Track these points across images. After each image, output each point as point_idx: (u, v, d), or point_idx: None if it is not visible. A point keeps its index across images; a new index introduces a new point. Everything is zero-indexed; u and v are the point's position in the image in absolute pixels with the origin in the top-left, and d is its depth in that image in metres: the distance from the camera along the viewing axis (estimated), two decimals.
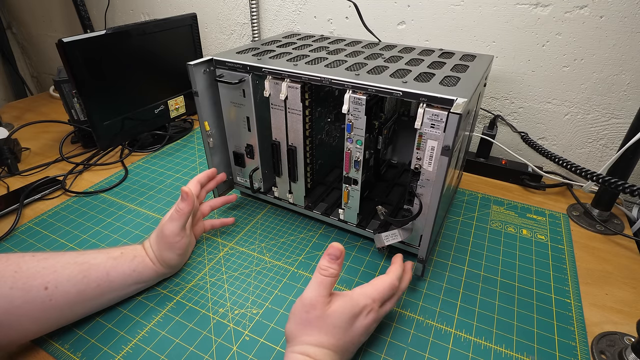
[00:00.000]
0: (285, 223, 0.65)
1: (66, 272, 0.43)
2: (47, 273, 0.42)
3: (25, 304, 0.40)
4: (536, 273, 0.55)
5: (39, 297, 0.41)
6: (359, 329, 0.40)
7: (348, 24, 0.87)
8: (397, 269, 0.46)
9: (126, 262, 0.47)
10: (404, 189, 0.68)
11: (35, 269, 0.42)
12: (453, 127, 0.41)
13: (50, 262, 0.43)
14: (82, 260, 0.45)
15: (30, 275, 0.41)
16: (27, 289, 0.40)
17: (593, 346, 0.46)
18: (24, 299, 0.40)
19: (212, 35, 1.07)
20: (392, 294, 0.44)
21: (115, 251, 0.48)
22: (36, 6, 1.36)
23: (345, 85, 0.49)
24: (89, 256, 0.46)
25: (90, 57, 0.71)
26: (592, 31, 0.67)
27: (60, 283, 0.42)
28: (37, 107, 1.16)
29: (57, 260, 0.44)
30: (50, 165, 0.82)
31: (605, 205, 0.66)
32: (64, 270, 0.43)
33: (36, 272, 0.42)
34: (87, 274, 0.44)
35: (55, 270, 0.43)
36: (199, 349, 0.45)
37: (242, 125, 0.59)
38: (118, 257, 0.47)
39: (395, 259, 0.49)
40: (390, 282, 0.44)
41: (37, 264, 0.42)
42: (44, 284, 0.41)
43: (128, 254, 0.48)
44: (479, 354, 0.45)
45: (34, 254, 0.44)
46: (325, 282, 0.39)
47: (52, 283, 0.42)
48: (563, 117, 0.75)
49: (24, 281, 0.41)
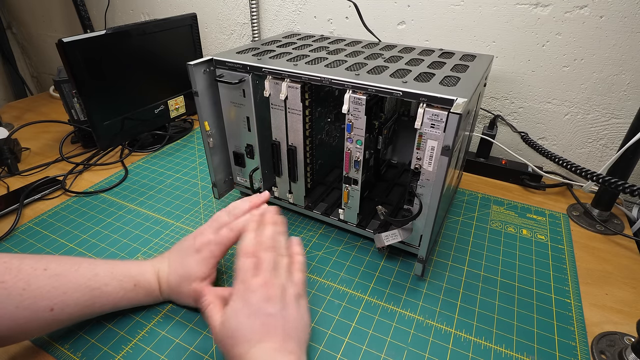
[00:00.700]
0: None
1: (75, 296, 0.42)
2: (57, 294, 0.40)
3: (29, 323, 0.39)
4: (536, 273, 0.55)
5: (44, 318, 0.40)
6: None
7: (348, 24, 0.87)
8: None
9: (139, 296, 0.46)
10: (404, 189, 0.68)
11: (45, 289, 0.40)
12: (453, 127, 0.41)
13: (61, 282, 0.41)
14: (94, 285, 0.43)
15: (38, 295, 0.39)
16: (33, 309, 0.39)
17: (593, 346, 0.46)
18: (28, 319, 0.39)
19: (212, 35, 1.07)
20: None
21: (129, 281, 0.45)
22: (36, 6, 1.36)
23: (345, 85, 0.49)
24: (101, 280, 0.44)
25: (90, 57, 0.71)
26: (592, 31, 0.67)
27: (67, 305, 0.41)
28: (37, 107, 1.16)
29: (69, 279, 0.42)
30: (50, 165, 0.82)
31: (605, 205, 0.66)
32: (74, 294, 0.41)
33: (46, 292, 0.40)
34: (96, 301, 0.43)
35: (65, 292, 0.41)
36: (199, 349, 0.45)
37: (242, 125, 0.59)
38: (130, 291, 0.45)
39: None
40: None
41: (48, 282, 0.40)
42: (50, 305, 0.40)
43: (141, 288, 0.46)
44: (479, 354, 0.45)
45: (46, 267, 0.41)
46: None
47: (59, 305, 0.40)
48: (563, 117, 0.75)
49: (31, 301, 0.39)
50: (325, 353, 0.44)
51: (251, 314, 0.38)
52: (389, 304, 0.51)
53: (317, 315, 0.49)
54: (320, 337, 0.46)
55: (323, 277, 0.54)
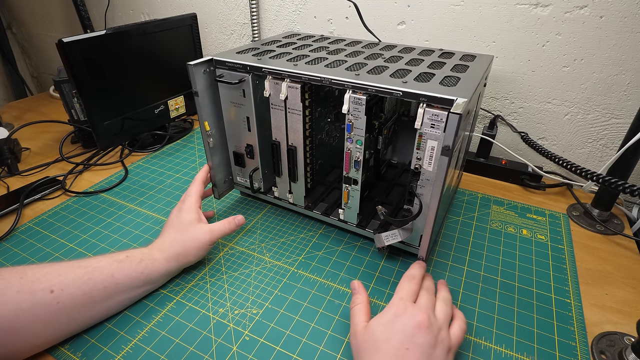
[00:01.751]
0: (285, 223, 0.65)
1: (71, 275, 0.43)
2: (52, 277, 0.43)
3: (32, 307, 0.41)
4: (536, 273, 0.55)
5: (46, 300, 0.41)
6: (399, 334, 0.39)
7: (348, 24, 0.87)
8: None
9: (133, 264, 0.47)
10: (404, 189, 0.68)
11: (40, 274, 0.43)
12: (453, 127, 0.41)
13: (54, 267, 0.44)
14: (86, 264, 0.45)
15: (35, 280, 0.42)
16: (33, 292, 0.41)
17: (593, 346, 0.46)
18: (30, 302, 0.40)
19: (212, 35, 1.07)
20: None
21: (121, 255, 0.48)
22: (36, 6, 1.36)
23: (345, 85, 0.49)
24: (93, 260, 0.46)
25: (90, 57, 0.71)
26: (592, 31, 0.67)
27: (66, 285, 0.43)
28: (37, 107, 1.16)
29: (61, 265, 0.45)
30: (50, 165, 0.82)
31: (605, 205, 0.66)
32: (69, 274, 0.43)
33: (41, 276, 0.42)
34: (92, 276, 0.44)
35: (59, 274, 0.43)
36: (199, 349, 0.45)
37: (242, 125, 0.59)
38: (123, 260, 0.47)
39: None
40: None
41: (42, 270, 0.43)
42: (49, 287, 0.42)
43: (134, 257, 0.48)
44: (479, 354, 0.45)
45: (38, 263, 0.45)
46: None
47: (57, 286, 0.42)
48: (563, 117, 0.75)
49: (29, 285, 0.41)
50: (325, 353, 0.44)
51: (398, 332, 0.38)
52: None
53: (317, 315, 0.49)
54: (320, 337, 0.46)
55: (323, 277, 0.54)
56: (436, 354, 0.37)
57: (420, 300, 0.42)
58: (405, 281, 0.45)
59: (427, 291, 0.44)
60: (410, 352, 0.37)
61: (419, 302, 0.42)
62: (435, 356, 0.37)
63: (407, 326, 0.38)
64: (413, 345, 0.37)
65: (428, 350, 0.37)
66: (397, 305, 0.41)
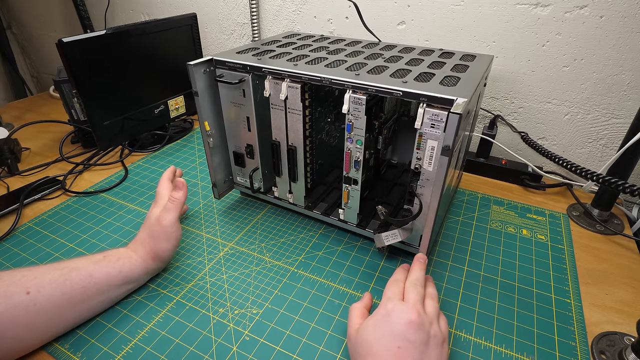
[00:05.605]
0: (285, 223, 0.65)
1: (47, 277, 0.43)
2: (28, 279, 0.43)
3: (9, 310, 0.40)
4: (536, 273, 0.55)
5: (22, 302, 0.41)
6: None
7: (348, 24, 0.87)
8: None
9: (110, 263, 0.47)
10: (404, 189, 0.68)
11: (16, 277, 0.43)
12: (453, 127, 0.41)
13: (30, 271, 0.44)
14: (63, 266, 0.45)
15: (10, 283, 0.42)
16: (8, 295, 0.41)
17: (593, 346, 0.46)
18: (6, 305, 0.40)
19: (212, 35, 1.07)
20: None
21: (98, 255, 0.48)
22: (36, 6, 1.36)
23: (345, 85, 0.49)
24: (70, 262, 0.46)
25: (90, 57, 0.71)
26: (592, 31, 0.67)
27: (42, 287, 0.42)
28: (37, 107, 1.16)
29: (37, 268, 0.45)
30: (50, 165, 0.82)
31: (605, 205, 0.66)
32: (45, 275, 0.43)
33: (17, 279, 0.42)
34: (69, 277, 0.44)
35: (35, 277, 0.43)
36: (199, 349, 0.45)
37: (242, 125, 0.59)
38: (100, 260, 0.47)
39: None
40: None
41: (17, 273, 0.43)
42: (25, 289, 0.42)
43: (111, 256, 0.48)
44: (479, 354, 0.45)
45: (15, 268, 0.45)
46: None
47: (34, 288, 0.42)
48: (563, 117, 0.75)
49: (5, 288, 0.41)
50: (325, 353, 0.44)
51: (388, 332, 0.38)
52: None
53: (317, 315, 0.49)
54: (320, 337, 0.46)
55: (323, 277, 0.54)
56: (429, 349, 0.38)
57: (409, 297, 0.41)
58: (391, 284, 0.44)
59: (414, 285, 0.43)
60: (402, 350, 0.37)
61: (407, 299, 0.41)
62: (429, 351, 0.37)
63: (396, 325, 0.38)
64: (405, 343, 0.37)
65: (421, 346, 0.37)
66: (386, 305, 0.41)
